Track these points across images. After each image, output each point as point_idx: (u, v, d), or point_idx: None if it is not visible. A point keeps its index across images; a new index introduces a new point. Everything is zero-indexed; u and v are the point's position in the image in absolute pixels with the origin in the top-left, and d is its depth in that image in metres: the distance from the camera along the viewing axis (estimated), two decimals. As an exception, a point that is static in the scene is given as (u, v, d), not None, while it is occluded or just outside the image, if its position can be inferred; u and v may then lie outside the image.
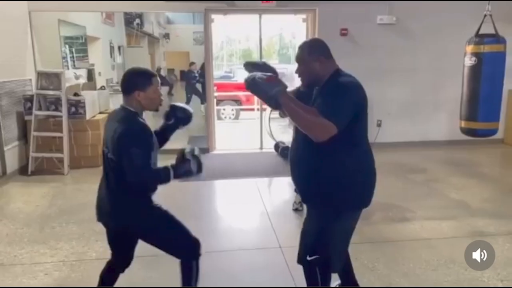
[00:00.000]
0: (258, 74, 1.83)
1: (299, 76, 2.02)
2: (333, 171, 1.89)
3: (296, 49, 2.04)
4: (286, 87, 1.80)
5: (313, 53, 1.94)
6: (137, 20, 9.25)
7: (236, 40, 19.27)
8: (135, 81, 1.94)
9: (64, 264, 2.93)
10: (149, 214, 2.02)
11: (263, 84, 1.79)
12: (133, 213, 1.98)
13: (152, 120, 2.26)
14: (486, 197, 4.22)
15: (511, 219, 3.61)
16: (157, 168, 1.92)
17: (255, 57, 9.69)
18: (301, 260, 2.07)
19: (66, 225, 3.57)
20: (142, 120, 1.96)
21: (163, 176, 1.88)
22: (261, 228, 3.61)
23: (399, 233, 3.41)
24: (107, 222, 2.08)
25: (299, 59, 1.98)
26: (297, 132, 2.03)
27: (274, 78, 1.83)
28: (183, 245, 2.07)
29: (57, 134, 5.02)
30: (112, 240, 2.15)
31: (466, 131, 3.66)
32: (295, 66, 2.03)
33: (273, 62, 17.23)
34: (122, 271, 2.21)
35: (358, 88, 1.86)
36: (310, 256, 1.99)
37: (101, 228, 3.42)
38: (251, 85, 1.82)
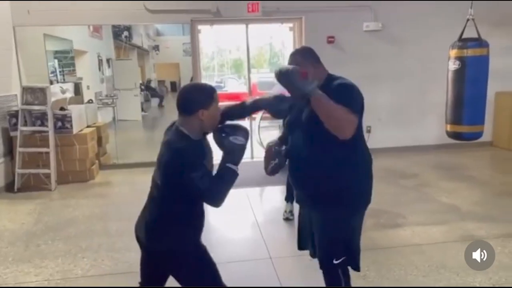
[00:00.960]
0: (292, 67, 1.78)
1: None
2: (346, 169, 1.91)
3: (285, 57, 2.03)
4: (317, 83, 1.78)
5: (306, 58, 1.96)
6: (125, 33, 9.24)
7: (226, 50, 19.32)
8: (198, 99, 1.74)
9: (49, 283, 2.85)
10: (188, 251, 1.85)
11: (297, 80, 1.74)
12: (173, 243, 1.81)
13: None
14: (476, 201, 4.22)
15: (501, 222, 3.60)
16: (217, 174, 1.73)
17: (245, 67, 9.73)
18: (324, 265, 2.03)
19: (52, 242, 3.50)
20: (196, 139, 1.76)
21: (228, 176, 1.72)
22: (251, 239, 3.56)
23: (391, 240, 3.38)
24: (144, 242, 1.88)
25: (294, 65, 1.93)
26: (293, 135, 2.02)
27: (307, 73, 1.80)
28: None
29: (44, 150, 4.95)
30: (144, 264, 1.96)
31: (452, 135, 3.66)
32: None
33: (264, 71, 17.30)
34: None
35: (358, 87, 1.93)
36: (337, 260, 1.97)
37: (87, 244, 3.41)
38: (284, 76, 1.75)
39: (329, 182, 1.92)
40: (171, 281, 1.93)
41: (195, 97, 1.75)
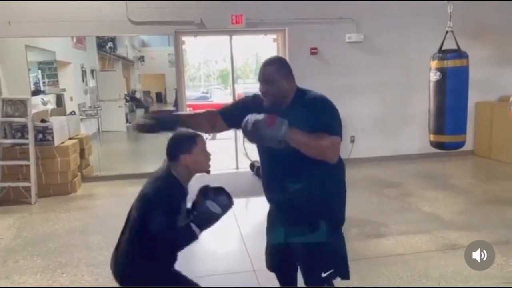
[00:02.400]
0: (253, 118, 1.70)
1: (264, 96, 1.95)
2: (326, 184, 1.89)
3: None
4: (286, 122, 1.70)
5: (281, 72, 1.90)
6: (110, 44, 9.18)
7: (213, 61, 19.36)
8: (179, 145, 1.82)
9: (26, 300, 2.79)
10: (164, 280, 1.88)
11: (266, 130, 1.67)
12: (145, 276, 1.82)
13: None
14: (458, 209, 4.26)
15: (482, 230, 3.64)
16: (179, 229, 1.77)
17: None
18: (311, 280, 1.97)
19: (30, 257, 3.41)
20: (182, 186, 1.84)
21: (187, 236, 1.74)
22: (235, 251, 3.53)
23: (374, 250, 3.39)
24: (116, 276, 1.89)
25: (267, 79, 1.90)
26: (266, 153, 1.99)
27: (273, 118, 1.69)
28: None
29: (24, 163, 4.85)
30: None
31: (435, 144, 3.72)
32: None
33: (250, 81, 17.37)
34: None
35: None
36: (324, 273, 1.92)
37: (67, 259, 3.34)
38: (252, 133, 1.70)
39: (310, 200, 1.88)
40: None
41: (177, 144, 1.83)
